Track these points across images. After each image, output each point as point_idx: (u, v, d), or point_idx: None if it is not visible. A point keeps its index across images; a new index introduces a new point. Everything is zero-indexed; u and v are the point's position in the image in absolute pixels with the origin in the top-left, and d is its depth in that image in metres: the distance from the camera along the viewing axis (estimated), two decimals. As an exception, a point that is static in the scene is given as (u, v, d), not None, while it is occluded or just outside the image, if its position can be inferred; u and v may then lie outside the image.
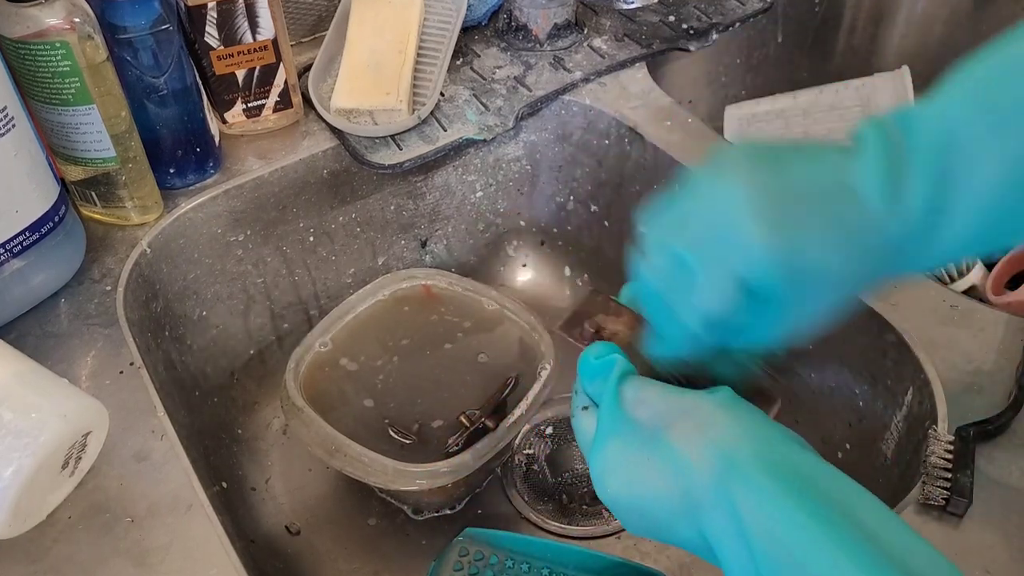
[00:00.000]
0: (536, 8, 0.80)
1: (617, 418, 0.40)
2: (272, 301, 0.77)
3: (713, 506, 0.35)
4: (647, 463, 0.38)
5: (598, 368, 0.42)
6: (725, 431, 0.37)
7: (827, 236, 0.36)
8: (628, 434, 0.39)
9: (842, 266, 0.37)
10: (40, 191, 0.58)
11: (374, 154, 0.72)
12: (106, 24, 0.60)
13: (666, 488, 0.37)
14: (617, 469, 0.39)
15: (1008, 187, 0.34)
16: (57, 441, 0.47)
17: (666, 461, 0.37)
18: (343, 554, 0.67)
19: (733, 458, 0.35)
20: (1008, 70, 0.35)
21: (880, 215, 0.36)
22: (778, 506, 0.33)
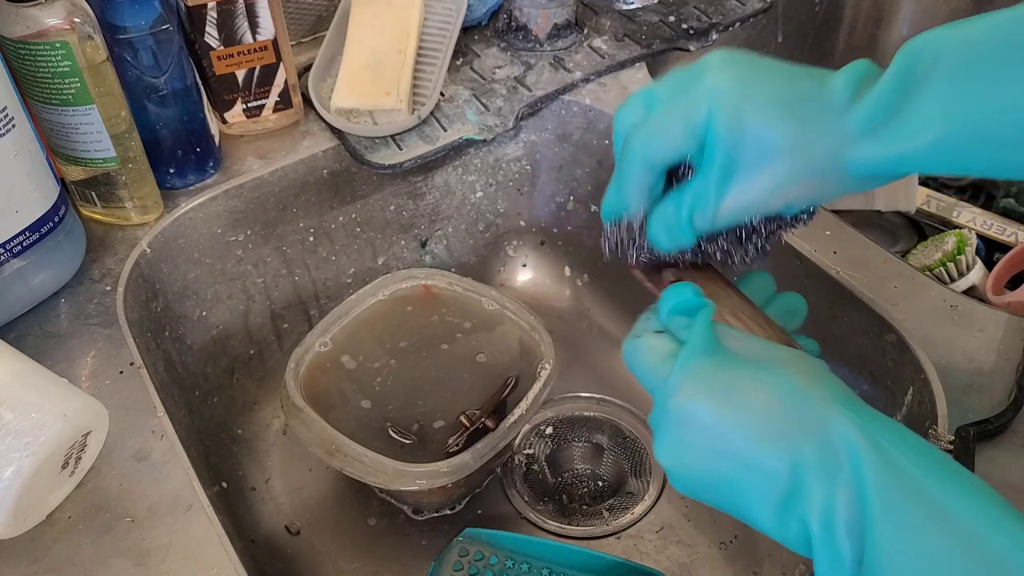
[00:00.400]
0: (536, 8, 0.80)
1: (711, 342, 0.38)
2: (272, 301, 0.77)
3: (829, 432, 0.34)
4: (751, 381, 0.36)
5: (687, 303, 0.41)
6: (838, 383, 0.36)
7: (786, 101, 0.39)
8: (724, 357, 0.38)
9: (794, 135, 0.38)
10: (40, 191, 0.58)
11: (374, 154, 0.72)
12: (106, 24, 0.60)
13: (769, 407, 0.35)
14: (707, 381, 0.37)
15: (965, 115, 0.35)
16: (57, 441, 0.47)
17: (777, 384, 0.36)
18: (343, 554, 0.67)
19: (854, 403, 0.35)
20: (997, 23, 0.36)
21: (840, 105, 0.38)
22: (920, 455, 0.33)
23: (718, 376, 0.37)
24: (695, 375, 0.37)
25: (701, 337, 0.38)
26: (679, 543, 0.67)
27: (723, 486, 0.37)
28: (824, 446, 0.34)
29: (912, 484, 0.32)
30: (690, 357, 0.38)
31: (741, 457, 0.35)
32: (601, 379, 0.78)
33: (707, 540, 0.67)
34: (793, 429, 0.34)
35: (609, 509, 0.69)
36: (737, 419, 0.35)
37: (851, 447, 0.33)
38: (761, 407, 0.35)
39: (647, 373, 0.40)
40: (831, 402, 0.35)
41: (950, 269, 0.77)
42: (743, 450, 0.35)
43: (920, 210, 0.83)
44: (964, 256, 0.76)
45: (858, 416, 0.34)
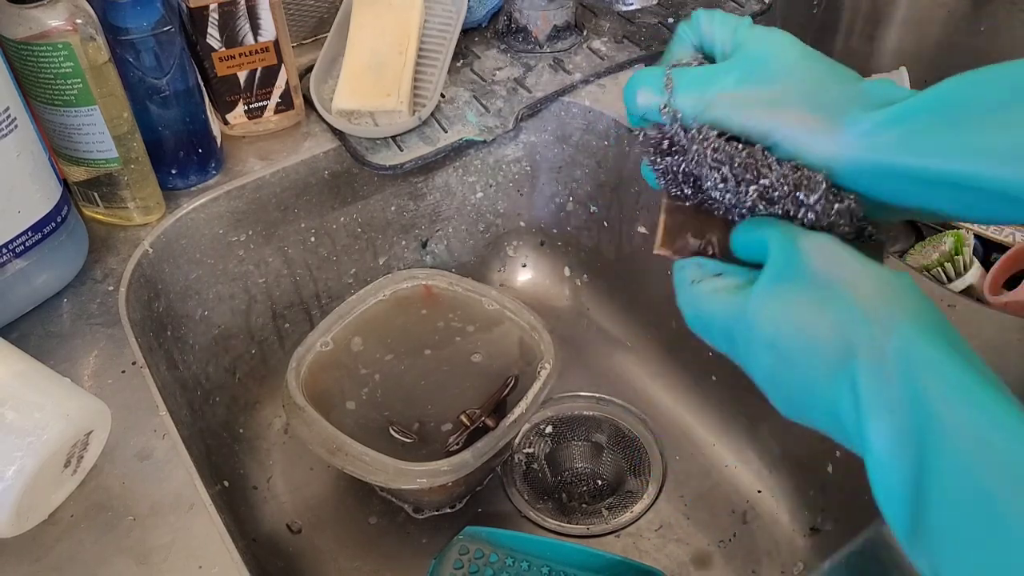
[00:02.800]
0: (536, 10, 0.80)
1: (791, 259, 0.37)
2: (273, 301, 0.77)
3: (885, 370, 0.33)
4: (816, 309, 0.35)
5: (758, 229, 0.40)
6: (917, 304, 0.35)
7: (813, 52, 0.42)
8: (801, 279, 0.36)
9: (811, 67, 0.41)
10: (42, 192, 0.58)
11: (375, 155, 0.72)
12: (108, 25, 0.60)
13: (828, 336, 0.34)
14: (777, 306, 0.36)
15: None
16: (59, 440, 0.47)
17: (843, 314, 0.35)
18: (344, 553, 0.68)
19: (925, 326, 0.33)
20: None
21: (865, 84, 0.40)
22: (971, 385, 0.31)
23: (790, 302, 0.36)
24: (768, 303, 0.37)
25: (777, 261, 0.37)
26: (678, 541, 0.67)
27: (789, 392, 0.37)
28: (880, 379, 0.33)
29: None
30: (765, 284, 0.37)
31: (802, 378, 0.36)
32: (600, 378, 0.78)
33: (706, 538, 0.67)
34: (848, 359, 0.34)
35: (608, 508, 0.69)
36: (804, 344, 0.35)
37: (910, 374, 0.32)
38: (823, 337, 0.35)
39: (721, 317, 0.39)
40: (891, 329, 0.33)
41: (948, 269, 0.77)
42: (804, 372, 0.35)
43: (918, 210, 0.83)
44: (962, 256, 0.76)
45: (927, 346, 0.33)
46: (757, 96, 0.40)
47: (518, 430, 0.63)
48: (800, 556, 0.65)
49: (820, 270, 0.36)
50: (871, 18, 1.05)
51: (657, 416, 0.75)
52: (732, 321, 0.38)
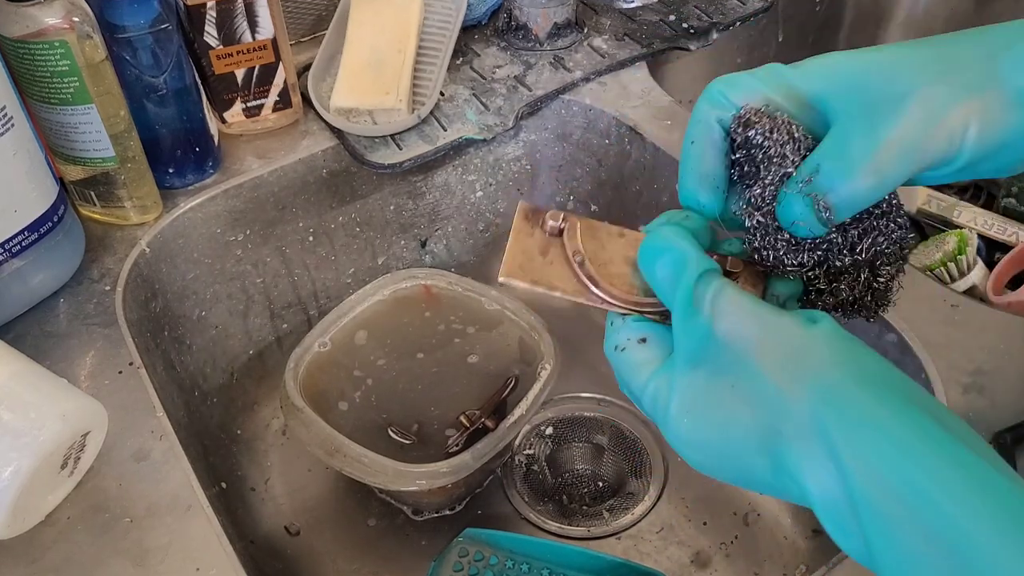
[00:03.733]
0: (536, 7, 0.80)
1: (696, 336, 0.34)
2: (271, 301, 0.77)
3: (804, 436, 0.31)
4: (730, 392, 0.33)
5: (666, 263, 0.35)
6: (825, 359, 0.32)
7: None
8: (710, 358, 0.34)
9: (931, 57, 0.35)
10: (39, 191, 0.58)
11: (374, 154, 0.71)
12: (105, 23, 0.60)
13: (749, 419, 0.33)
14: (698, 402, 0.34)
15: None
16: (56, 441, 0.46)
17: (753, 390, 0.33)
18: (343, 555, 0.67)
19: (831, 383, 0.32)
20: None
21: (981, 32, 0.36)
22: (881, 429, 0.30)
23: (704, 387, 0.34)
24: (683, 393, 0.35)
25: (685, 332, 0.35)
26: (679, 543, 0.67)
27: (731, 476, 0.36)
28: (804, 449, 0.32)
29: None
30: (678, 370, 0.35)
31: (737, 465, 0.34)
32: (601, 379, 0.78)
33: (707, 540, 0.67)
34: (773, 438, 0.32)
35: (609, 509, 0.69)
36: (721, 438, 0.34)
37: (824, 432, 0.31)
38: (744, 421, 0.33)
39: (641, 395, 0.37)
40: (802, 398, 0.32)
41: (951, 269, 0.76)
42: (737, 459, 0.34)
43: (921, 210, 0.83)
44: (965, 256, 0.76)
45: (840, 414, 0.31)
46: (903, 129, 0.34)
47: (518, 431, 0.63)
48: (802, 559, 0.64)
49: (727, 340, 0.34)
50: (873, 17, 1.05)
51: (658, 417, 0.75)
52: (653, 410, 0.36)
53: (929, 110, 0.34)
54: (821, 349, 0.33)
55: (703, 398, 0.34)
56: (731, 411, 0.34)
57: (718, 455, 0.34)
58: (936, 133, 0.34)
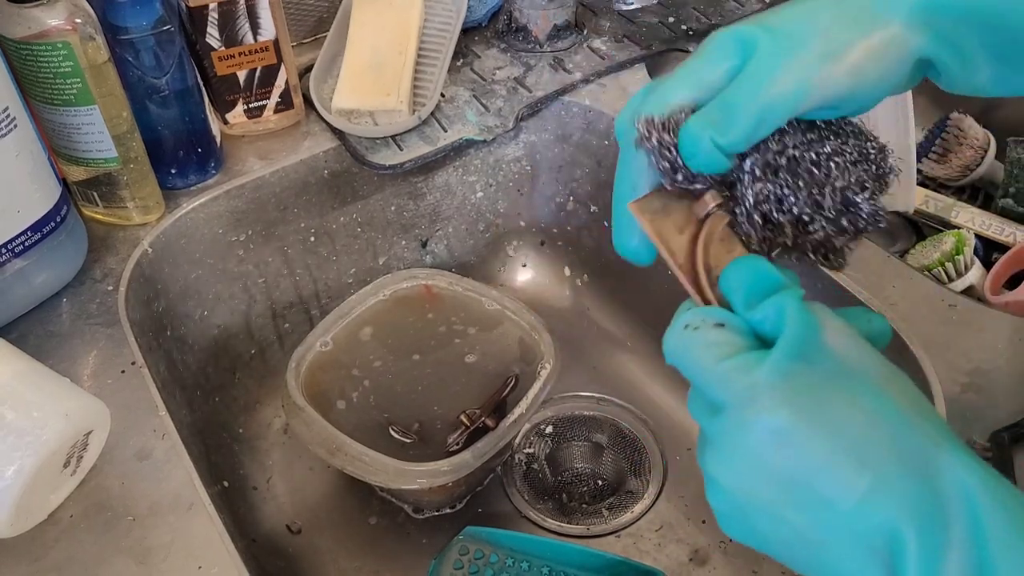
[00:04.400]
0: (536, 9, 0.80)
1: (811, 341, 0.31)
2: (273, 301, 0.77)
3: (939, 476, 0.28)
4: (848, 401, 0.30)
5: (767, 281, 0.33)
6: (939, 416, 0.31)
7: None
8: (823, 364, 0.31)
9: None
10: (42, 191, 0.58)
11: (375, 154, 0.72)
12: (107, 25, 0.60)
13: (867, 434, 0.29)
14: (797, 393, 0.30)
15: None
16: (59, 440, 0.47)
17: (879, 409, 0.30)
18: (344, 553, 0.67)
19: (963, 445, 0.29)
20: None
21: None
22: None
23: (811, 389, 0.30)
24: (783, 384, 0.30)
25: (798, 333, 0.31)
26: (678, 542, 0.67)
27: (797, 529, 0.30)
28: (931, 492, 0.28)
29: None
30: (784, 359, 0.30)
31: (825, 491, 0.29)
32: (601, 379, 0.78)
33: (706, 539, 0.67)
34: (897, 464, 0.29)
35: (609, 508, 0.69)
36: (828, 444, 0.29)
37: (968, 497, 0.28)
38: (859, 432, 0.29)
39: (712, 374, 0.32)
40: (941, 440, 0.29)
41: (948, 269, 0.77)
42: (828, 483, 0.29)
43: (918, 210, 0.83)
44: (963, 256, 0.76)
45: (974, 462, 0.29)
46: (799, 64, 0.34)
47: (518, 430, 0.63)
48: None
49: (843, 356, 0.31)
50: (871, 18, 1.04)
51: (657, 416, 0.75)
52: (729, 390, 0.31)
53: (823, 49, 0.34)
54: (930, 406, 0.31)
55: (811, 394, 0.30)
56: (848, 420, 0.30)
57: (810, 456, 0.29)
58: (825, 78, 0.34)
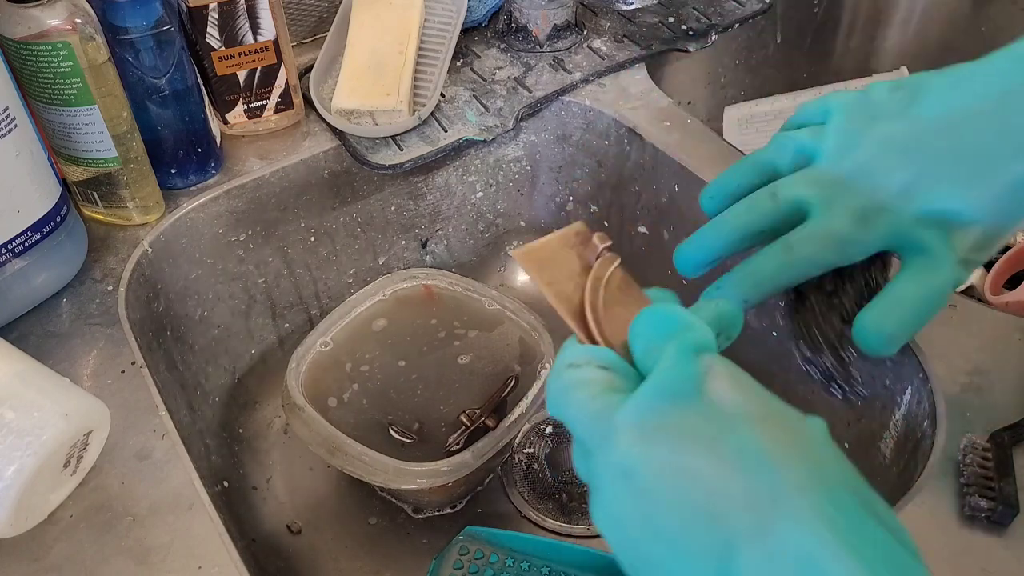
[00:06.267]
0: (536, 9, 0.80)
1: (682, 378, 0.30)
2: (273, 301, 0.77)
3: (777, 533, 0.26)
4: (710, 441, 0.28)
5: (664, 326, 0.32)
6: (829, 462, 0.29)
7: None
8: (693, 406, 0.29)
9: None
10: (42, 191, 0.58)
11: (375, 155, 0.72)
12: (107, 25, 0.60)
13: (718, 478, 0.28)
14: (656, 430, 0.29)
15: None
16: (59, 440, 0.47)
17: (741, 450, 0.28)
18: (344, 553, 0.67)
19: (842, 497, 0.27)
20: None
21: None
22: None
23: (669, 429, 0.29)
24: (640, 424, 0.29)
25: (669, 373, 0.30)
26: (679, 542, 0.67)
27: (648, 566, 0.29)
28: (767, 554, 0.26)
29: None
30: (648, 397, 0.30)
31: (670, 536, 0.28)
32: (601, 379, 0.78)
33: (706, 539, 0.67)
34: (737, 516, 0.27)
35: (609, 508, 0.69)
36: (675, 486, 0.28)
37: (801, 560, 0.25)
38: (709, 477, 0.28)
39: (582, 413, 0.31)
40: (804, 489, 0.27)
41: (949, 269, 0.77)
42: (673, 528, 0.28)
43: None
44: (963, 256, 0.76)
45: (833, 520, 0.26)
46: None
47: (518, 430, 0.63)
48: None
49: (720, 401, 0.30)
50: (871, 18, 1.05)
51: (657, 416, 0.75)
52: (592, 430, 0.30)
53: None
54: (822, 447, 0.29)
55: (669, 433, 0.29)
56: (702, 461, 0.28)
57: (661, 501, 0.28)
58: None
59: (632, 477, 0.29)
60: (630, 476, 0.29)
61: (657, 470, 0.28)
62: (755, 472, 0.28)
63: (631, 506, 0.29)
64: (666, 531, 0.28)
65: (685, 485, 0.28)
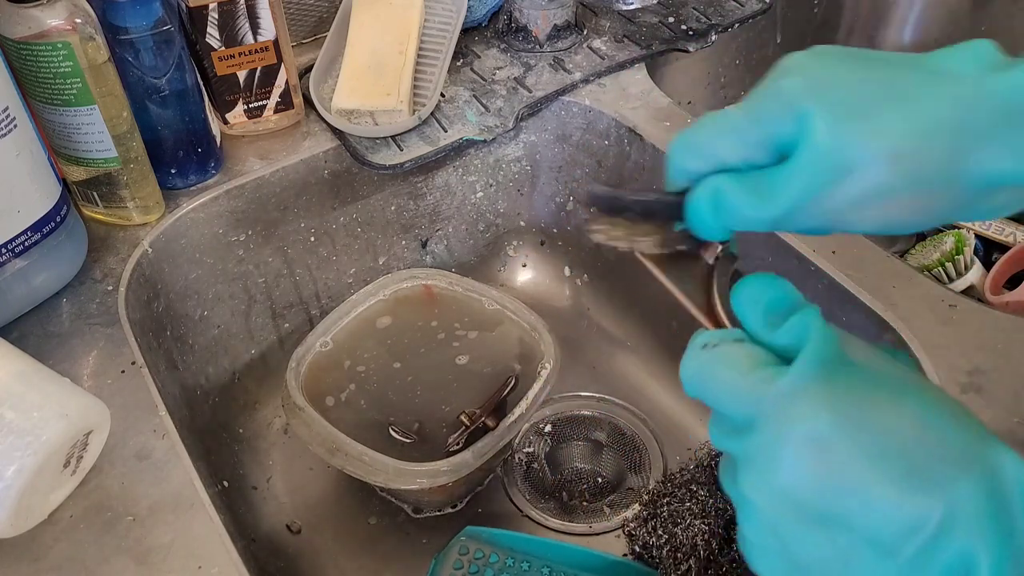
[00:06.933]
0: (536, 9, 0.80)
1: (835, 350, 0.30)
2: (273, 301, 0.77)
3: (999, 472, 0.27)
4: (891, 403, 0.29)
5: (785, 300, 0.32)
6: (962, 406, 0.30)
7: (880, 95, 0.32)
8: (853, 370, 0.30)
9: (897, 134, 0.31)
10: (42, 191, 0.58)
11: (375, 155, 0.72)
12: (107, 25, 0.60)
13: (918, 435, 0.28)
14: (833, 396, 0.28)
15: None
16: (59, 440, 0.47)
17: (925, 410, 0.29)
18: (344, 553, 0.67)
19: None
20: None
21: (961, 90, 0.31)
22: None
23: (849, 391, 0.29)
24: (816, 389, 0.29)
25: (823, 342, 0.29)
26: (679, 542, 0.67)
27: (844, 552, 0.28)
28: (992, 491, 0.27)
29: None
30: (812, 365, 0.29)
31: (876, 497, 0.27)
32: (600, 378, 0.78)
33: (706, 539, 0.67)
34: (952, 466, 0.27)
35: (610, 505, 0.69)
36: (876, 447, 0.28)
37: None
38: (908, 434, 0.28)
39: (736, 389, 0.30)
40: (994, 442, 0.28)
41: (948, 269, 0.77)
42: (880, 490, 0.27)
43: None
44: (962, 256, 0.76)
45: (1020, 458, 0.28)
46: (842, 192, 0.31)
47: (518, 430, 0.63)
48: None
49: (870, 367, 0.30)
50: (871, 18, 1.05)
51: (657, 416, 0.75)
52: (746, 403, 0.30)
53: (869, 187, 0.31)
54: (973, 415, 0.30)
55: (852, 397, 0.29)
56: (894, 419, 0.28)
57: (860, 466, 0.28)
58: (865, 210, 0.32)
59: (824, 441, 0.28)
60: (821, 441, 0.28)
61: (854, 434, 0.28)
62: (950, 429, 0.28)
63: (822, 468, 0.28)
64: (875, 484, 0.27)
65: (887, 448, 0.28)
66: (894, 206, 0.32)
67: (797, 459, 0.28)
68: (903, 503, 0.27)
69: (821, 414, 0.28)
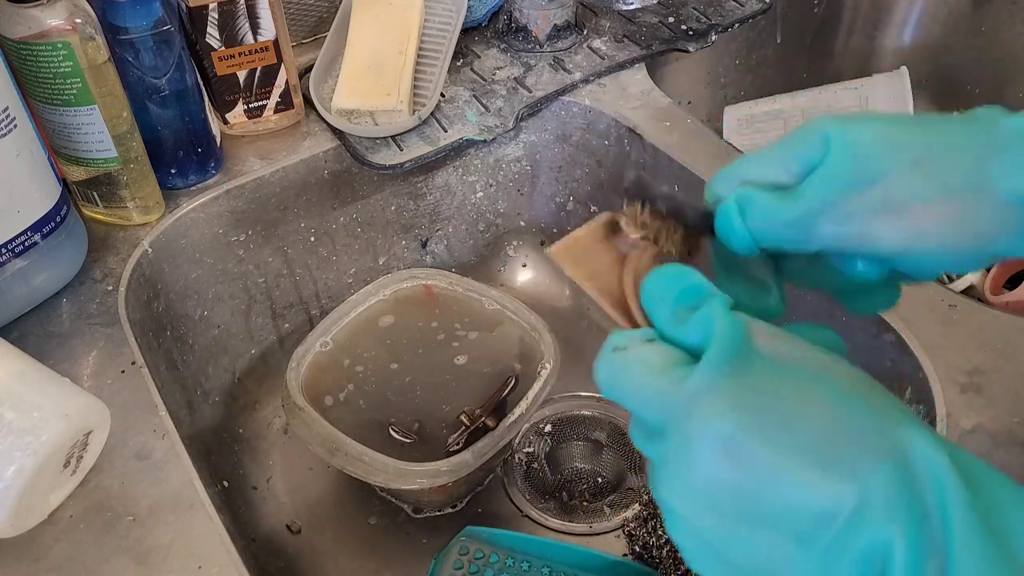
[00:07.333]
0: (536, 9, 0.80)
1: (741, 342, 0.29)
2: (273, 301, 0.77)
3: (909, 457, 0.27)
4: (797, 393, 0.29)
5: (695, 290, 0.32)
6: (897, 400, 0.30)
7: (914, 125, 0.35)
8: (760, 362, 0.29)
9: (923, 145, 0.33)
10: (42, 191, 0.58)
11: (375, 155, 0.72)
12: (107, 25, 0.60)
13: (827, 424, 0.28)
14: (741, 392, 0.28)
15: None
16: (59, 440, 0.47)
17: (833, 396, 0.29)
18: (344, 553, 0.67)
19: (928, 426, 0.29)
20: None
21: (987, 118, 0.34)
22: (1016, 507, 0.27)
23: (755, 386, 0.29)
24: (721, 387, 0.29)
25: (728, 337, 0.29)
26: (679, 542, 0.67)
27: (771, 551, 0.28)
28: (904, 475, 0.27)
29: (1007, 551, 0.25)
30: (716, 363, 0.29)
31: (789, 491, 0.27)
32: (601, 379, 0.78)
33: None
34: (862, 452, 0.27)
35: (610, 505, 0.69)
36: (784, 441, 0.28)
37: (937, 477, 0.26)
38: (817, 424, 0.28)
39: (646, 392, 0.30)
40: (906, 422, 0.28)
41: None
42: (792, 483, 0.27)
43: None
44: (963, 256, 0.76)
45: (942, 443, 0.27)
46: (864, 200, 0.33)
47: (518, 430, 0.63)
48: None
49: (777, 357, 0.30)
50: (871, 18, 1.05)
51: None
52: (659, 405, 0.30)
53: (896, 196, 0.33)
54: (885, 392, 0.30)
55: (756, 393, 0.29)
56: (803, 410, 0.28)
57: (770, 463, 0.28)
58: (890, 226, 0.33)
59: (732, 441, 0.28)
60: (730, 441, 0.28)
61: (762, 431, 0.28)
62: (859, 413, 0.28)
63: (734, 468, 0.28)
64: (787, 477, 0.27)
65: (797, 441, 0.28)
66: (922, 214, 0.32)
67: (709, 461, 0.28)
68: (815, 494, 0.27)
69: (727, 414, 0.28)
